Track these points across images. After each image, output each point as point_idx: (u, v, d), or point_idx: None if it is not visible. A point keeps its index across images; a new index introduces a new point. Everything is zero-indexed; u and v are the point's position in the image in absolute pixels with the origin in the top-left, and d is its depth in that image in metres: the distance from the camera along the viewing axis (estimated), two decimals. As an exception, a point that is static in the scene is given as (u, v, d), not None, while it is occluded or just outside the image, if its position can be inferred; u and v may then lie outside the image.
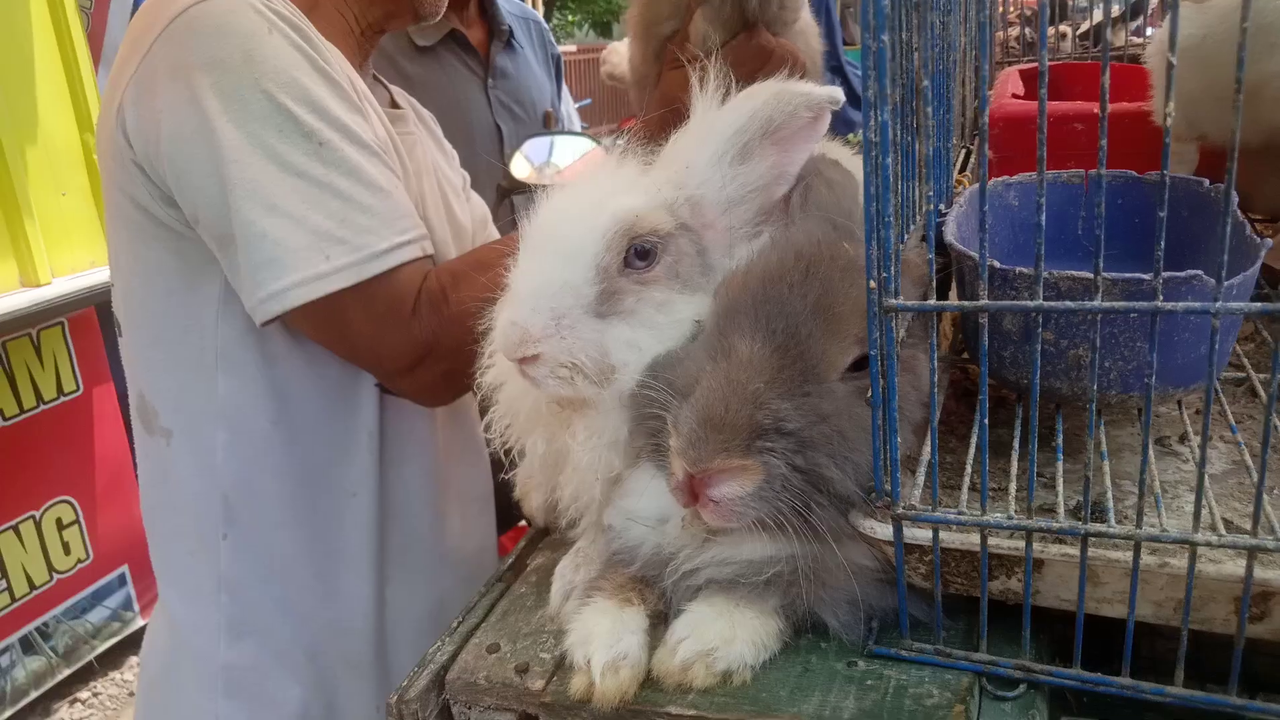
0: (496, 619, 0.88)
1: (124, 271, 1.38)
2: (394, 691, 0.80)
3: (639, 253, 0.79)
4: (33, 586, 3.21)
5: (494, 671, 0.80)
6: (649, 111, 1.47)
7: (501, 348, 0.80)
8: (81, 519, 3.36)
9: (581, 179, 0.85)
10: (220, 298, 1.29)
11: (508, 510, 1.20)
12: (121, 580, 3.56)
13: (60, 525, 3.29)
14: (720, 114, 0.83)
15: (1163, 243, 0.56)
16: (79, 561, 3.36)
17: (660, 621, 0.79)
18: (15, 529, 3.14)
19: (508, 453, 0.92)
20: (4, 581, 3.13)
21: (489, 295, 0.96)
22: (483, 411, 0.98)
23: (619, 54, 2.53)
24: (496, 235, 1.74)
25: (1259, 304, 0.56)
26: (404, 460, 1.47)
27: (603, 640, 0.75)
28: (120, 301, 1.40)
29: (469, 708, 0.80)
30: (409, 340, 1.24)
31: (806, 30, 1.50)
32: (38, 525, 3.21)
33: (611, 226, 0.78)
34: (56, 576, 3.29)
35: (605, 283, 0.78)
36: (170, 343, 1.34)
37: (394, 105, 1.62)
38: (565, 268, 0.78)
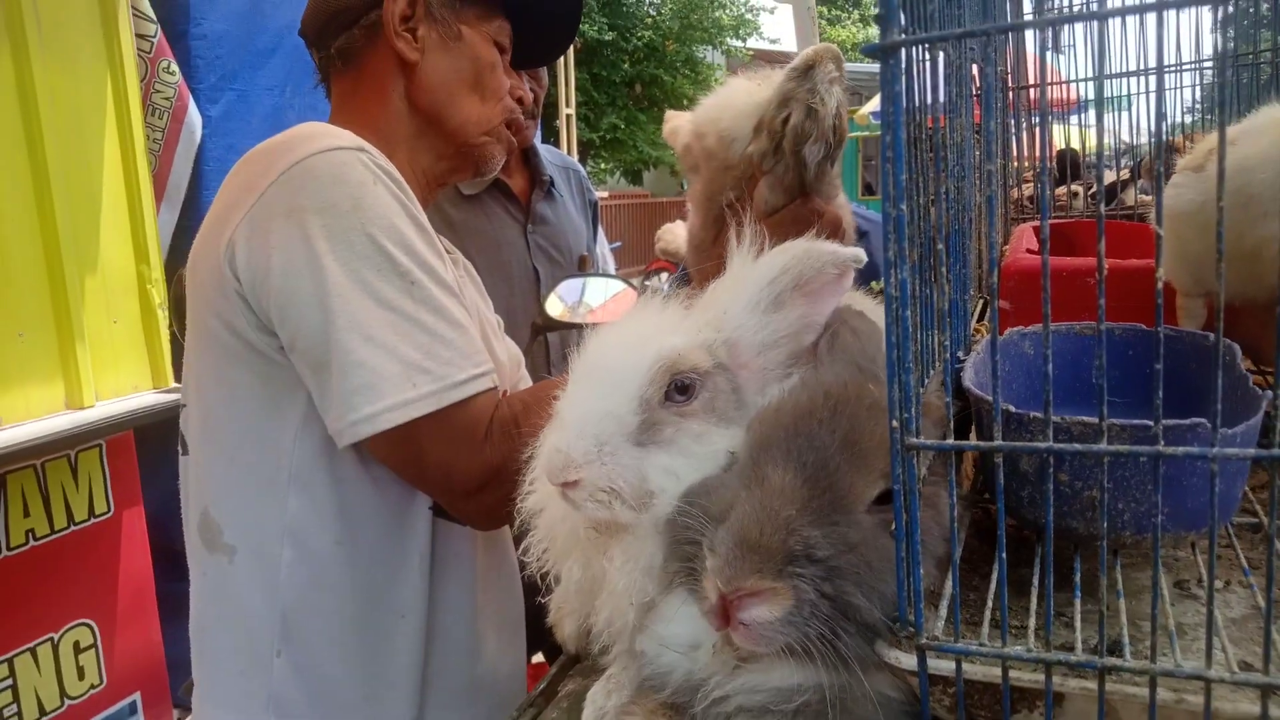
0: (528, 743, 0.90)
1: (206, 393, 1.47)
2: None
3: (679, 388, 0.85)
4: (43, 712, 3.16)
5: (525, 794, 0.81)
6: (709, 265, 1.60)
7: (545, 471, 0.85)
8: (99, 643, 3.34)
9: (628, 318, 0.93)
10: (300, 421, 1.39)
11: (538, 635, 1.23)
12: (132, 708, 3.50)
13: (78, 649, 3.27)
14: (755, 266, 0.91)
15: (1161, 391, 0.61)
16: (92, 687, 3.32)
17: (690, 748, 0.80)
18: (33, 651, 3.12)
19: (544, 577, 0.95)
20: (15, 706, 3.09)
21: None
22: (520, 538, 1.02)
23: (673, 233, 2.72)
24: (527, 376, 1.85)
25: (1254, 450, 0.60)
26: (448, 582, 1.54)
27: (634, 765, 0.76)
28: (197, 422, 1.49)
29: (499, 831, 0.81)
30: (480, 463, 1.32)
31: (843, 203, 1.65)
32: (55, 648, 3.20)
33: (655, 362, 0.85)
34: (68, 702, 3.24)
35: (646, 414, 0.84)
36: (247, 462, 1.42)
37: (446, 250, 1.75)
38: (610, 398, 0.84)
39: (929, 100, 0.78)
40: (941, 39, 0.68)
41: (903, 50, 0.61)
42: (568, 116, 8.00)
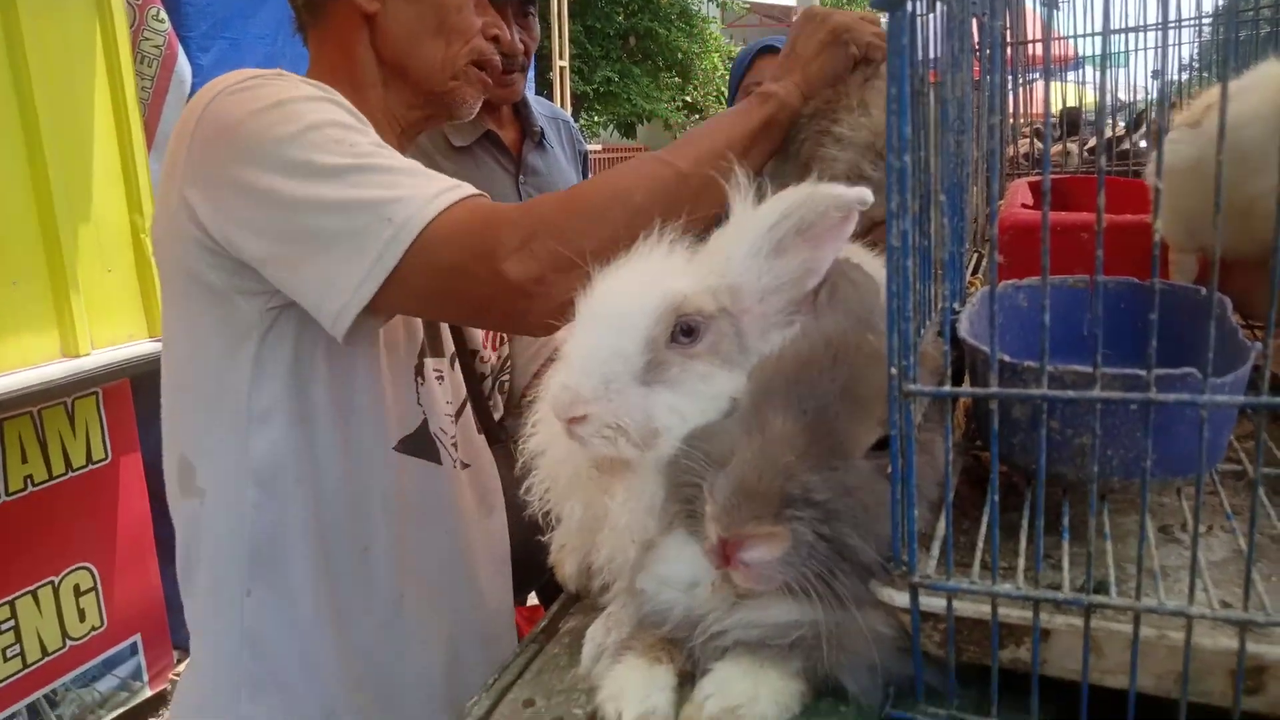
0: (531, 676, 0.93)
1: (175, 344, 1.49)
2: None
3: (685, 330, 0.87)
4: (45, 653, 3.22)
5: (530, 725, 0.84)
6: None
7: (553, 408, 0.87)
8: (99, 586, 3.39)
9: (634, 261, 0.94)
10: (253, 363, 1.38)
11: (538, 570, 1.25)
12: (133, 649, 3.57)
13: (78, 592, 3.33)
14: (757, 212, 0.92)
15: (1155, 340, 0.63)
16: (93, 629, 3.38)
17: (687, 681, 0.83)
18: (34, 594, 3.18)
19: (546, 516, 0.98)
20: (18, 647, 3.14)
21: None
22: (519, 479, 1.04)
23: None
24: None
25: (1242, 398, 0.63)
26: (423, 521, 1.55)
27: (633, 696, 0.80)
28: (168, 372, 1.50)
29: (505, 760, 0.84)
30: (514, 222, 1.24)
31: None
32: (56, 591, 3.25)
33: (662, 304, 0.87)
34: (69, 643, 3.30)
35: (653, 354, 0.86)
36: (210, 406, 1.43)
37: None
38: (617, 338, 0.86)
39: (933, 55, 0.79)
40: (948, -10, 0.69)
41: (909, 4, 0.62)
42: (561, 69, 7.91)
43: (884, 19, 0.64)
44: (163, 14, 3.52)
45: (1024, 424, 0.84)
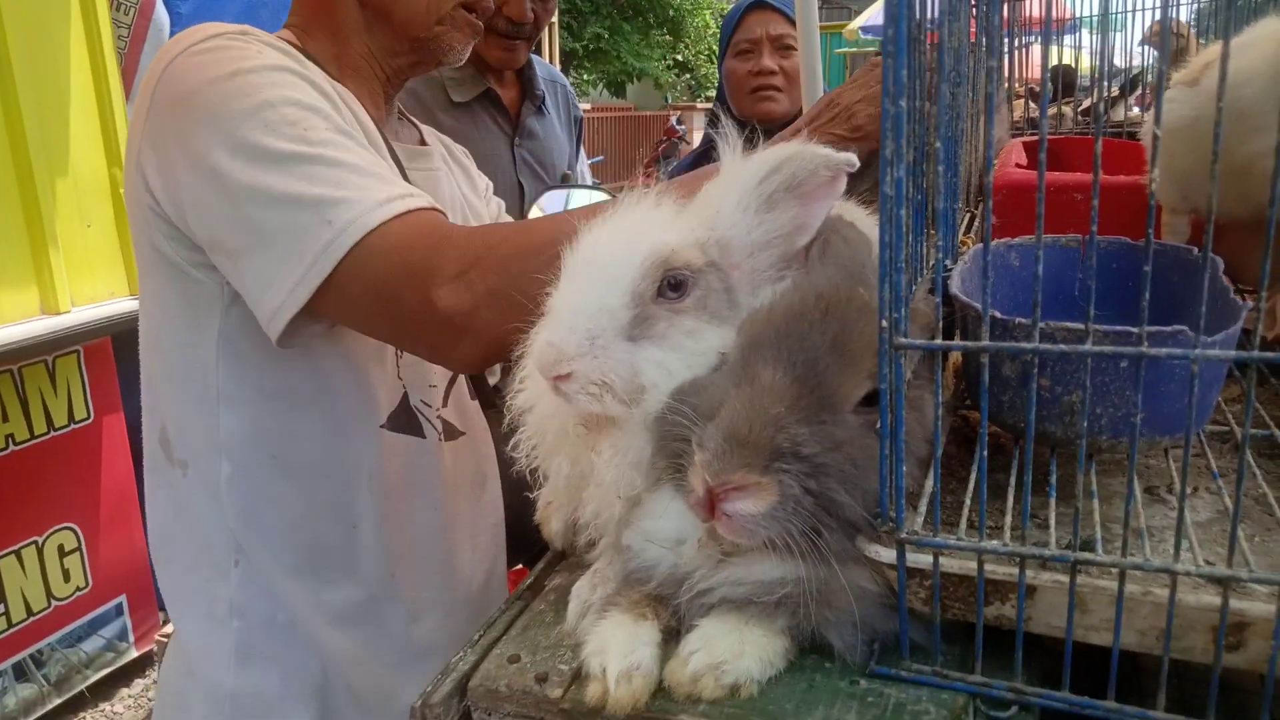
0: (517, 633, 0.92)
1: (147, 309, 1.44)
2: (418, 697, 0.85)
3: (672, 284, 0.85)
4: (30, 613, 3.22)
5: (514, 680, 0.84)
6: None
7: (537, 365, 0.85)
8: (84, 546, 3.38)
9: (620, 214, 0.92)
10: (217, 337, 1.34)
11: (525, 537, 1.23)
12: (119, 610, 3.57)
13: (62, 552, 3.31)
14: (747, 165, 0.90)
15: (1148, 295, 0.62)
16: (78, 589, 3.38)
17: (672, 637, 0.83)
18: (17, 554, 3.16)
19: (533, 473, 0.97)
20: (2, 606, 3.13)
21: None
22: (508, 435, 1.02)
23: None
24: None
25: (1233, 353, 0.62)
26: (411, 497, 1.51)
27: (618, 651, 0.79)
28: (144, 338, 1.46)
29: (489, 714, 0.84)
30: (457, 247, 1.18)
31: None
32: (40, 551, 3.23)
33: (648, 257, 0.85)
34: (54, 603, 3.30)
35: (639, 308, 0.84)
36: (180, 378, 1.39)
37: (422, 143, 1.69)
38: (602, 292, 0.84)
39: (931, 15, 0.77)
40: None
41: (908, -58, 0.60)
42: (550, 26, 7.80)
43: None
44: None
45: (1014, 381, 0.83)
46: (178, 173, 1.24)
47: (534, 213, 2.40)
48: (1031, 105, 2.19)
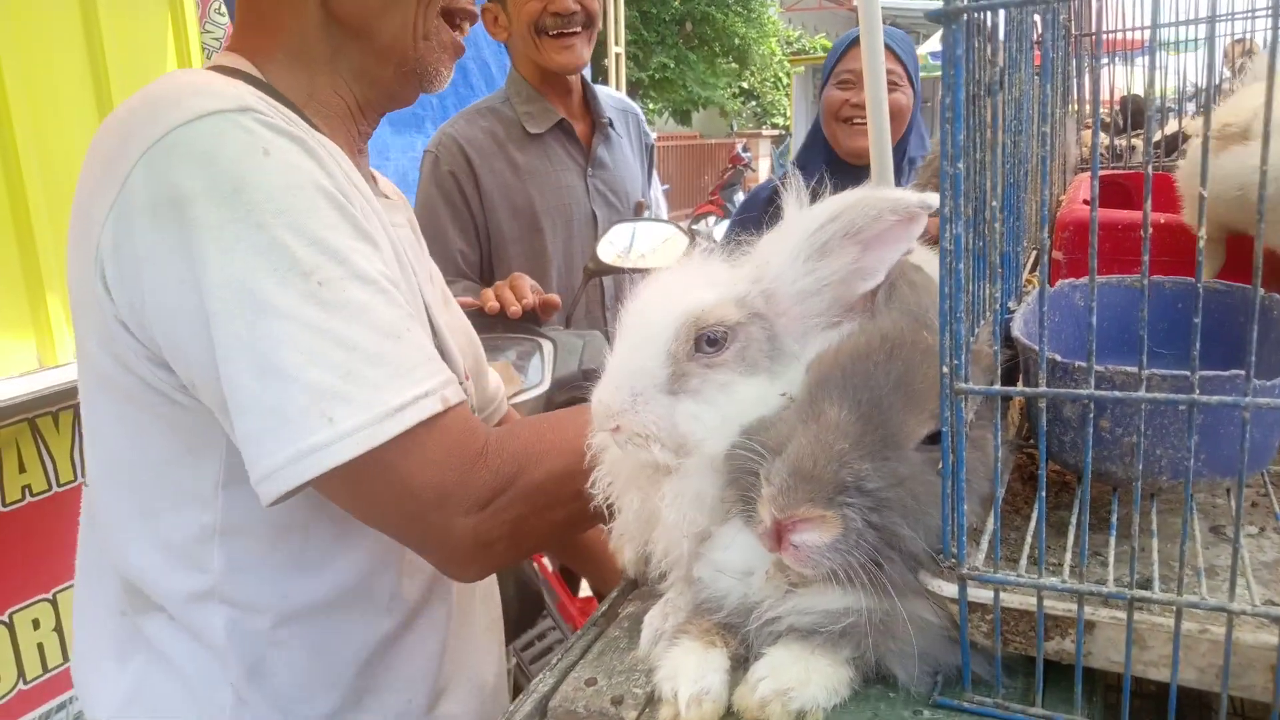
0: (593, 657, 0.97)
1: (105, 434, 1.21)
2: (502, 716, 0.90)
3: (709, 340, 0.92)
4: (45, 669, 2.99)
5: (592, 702, 0.89)
6: None
7: (594, 420, 0.95)
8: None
9: (669, 273, 1.00)
10: (223, 468, 1.16)
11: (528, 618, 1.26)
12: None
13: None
14: (803, 215, 0.95)
15: (1198, 342, 0.65)
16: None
17: (740, 665, 0.87)
18: (36, 606, 2.94)
19: (609, 508, 1.02)
20: (15, 665, 2.91)
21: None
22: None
23: None
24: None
25: (1278, 400, 0.64)
26: (428, 611, 1.37)
27: (689, 676, 0.84)
28: (100, 465, 1.24)
29: (567, 733, 0.89)
30: (490, 468, 1.10)
31: None
32: (54, 607, 3.02)
33: (681, 319, 0.92)
34: (69, 663, 3.12)
35: (674, 366, 0.92)
36: (163, 516, 1.19)
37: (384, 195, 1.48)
38: (642, 352, 0.93)
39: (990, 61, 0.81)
40: (1004, 5, 0.71)
41: (965, 15, 0.64)
42: (616, 55, 7.94)
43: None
44: (224, 8, 3.60)
45: (1074, 423, 0.86)
46: (146, 292, 1.06)
47: (603, 246, 2.48)
48: (1103, 136, 2.19)
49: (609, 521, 1.04)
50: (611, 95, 3.03)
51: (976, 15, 0.71)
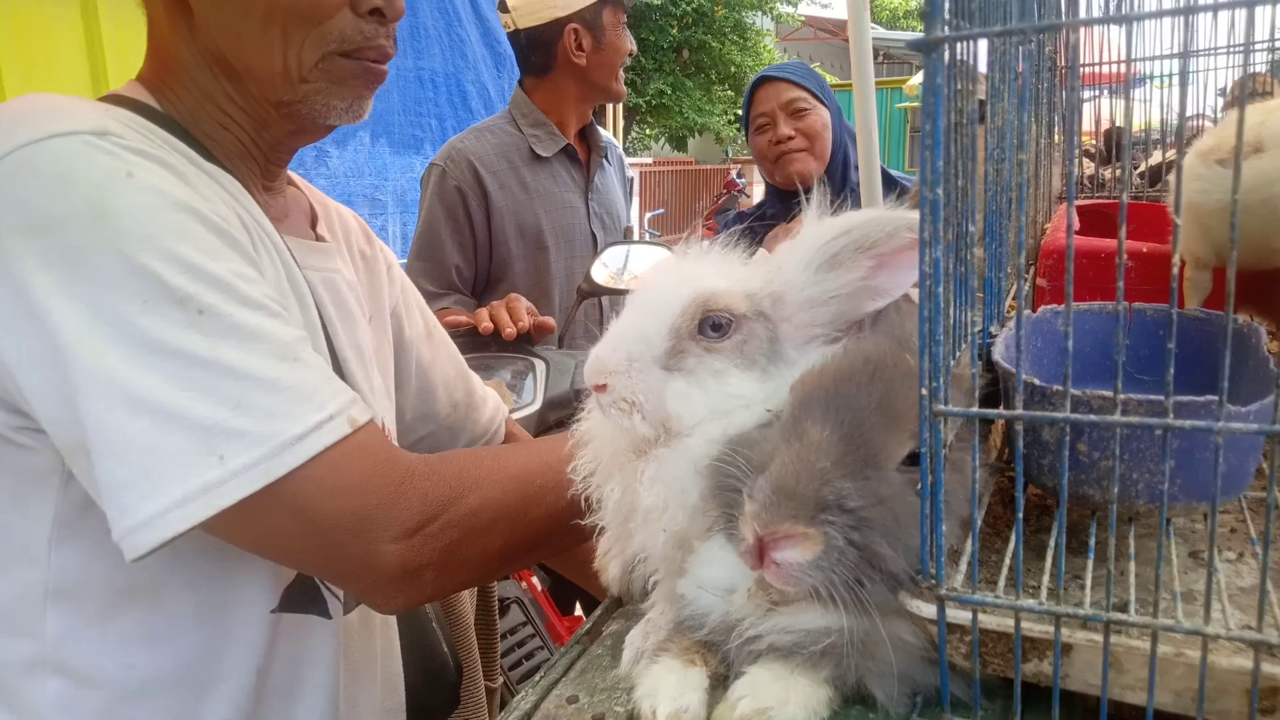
0: (575, 675, 0.98)
1: None
2: (484, 733, 0.90)
3: (714, 325, 0.93)
4: None
5: (573, 719, 0.89)
6: None
7: (585, 372, 0.95)
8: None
9: (690, 258, 1.02)
10: (53, 520, 1.06)
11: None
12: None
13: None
14: (819, 225, 0.96)
15: (1172, 368, 0.66)
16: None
17: (720, 684, 0.87)
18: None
19: (588, 501, 1.03)
20: None
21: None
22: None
23: None
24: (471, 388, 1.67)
25: (1256, 425, 0.65)
26: (300, 690, 1.24)
27: (667, 694, 0.84)
28: None
29: (548, 750, 0.89)
30: (420, 491, 1.03)
31: None
32: None
33: (692, 297, 0.94)
34: None
35: (674, 341, 0.93)
36: None
37: (319, 237, 1.39)
38: (647, 322, 0.94)
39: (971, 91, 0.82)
40: (984, 35, 0.73)
41: (945, 46, 0.66)
42: (615, 81, 8.03)
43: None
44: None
45: (1053, 446, 0.87)
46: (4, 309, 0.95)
47: (596, 267, 2.52)
48: (1089, 165, 2.22)
49: (556, 551, 1.04)
50: (598, 130, 3.15)
51: (957, 45, 0.72)
